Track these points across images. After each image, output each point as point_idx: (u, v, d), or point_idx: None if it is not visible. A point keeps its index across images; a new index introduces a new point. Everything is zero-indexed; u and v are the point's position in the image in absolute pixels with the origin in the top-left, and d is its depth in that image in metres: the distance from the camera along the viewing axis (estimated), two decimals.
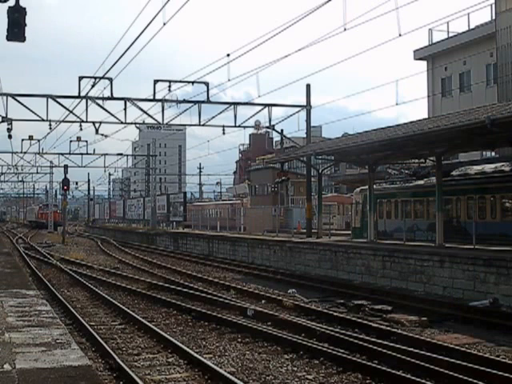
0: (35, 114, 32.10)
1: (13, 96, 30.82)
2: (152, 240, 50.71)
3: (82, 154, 52.42)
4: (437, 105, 39.99)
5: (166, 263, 31.61)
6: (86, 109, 31.88)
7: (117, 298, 18.32)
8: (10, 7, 12.66)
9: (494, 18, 33.54)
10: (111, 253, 39.09)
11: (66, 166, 53.17)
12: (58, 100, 31.54)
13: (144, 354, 11.32)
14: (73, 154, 52.59)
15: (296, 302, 17.30)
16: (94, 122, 34.24)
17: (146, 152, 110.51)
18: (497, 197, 23.98)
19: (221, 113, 33.79)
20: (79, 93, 30.97)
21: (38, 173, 73.11)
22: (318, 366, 10.40)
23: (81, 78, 30.78)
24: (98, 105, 31.80)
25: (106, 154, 57.57)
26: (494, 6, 32.96)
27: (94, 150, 54.37)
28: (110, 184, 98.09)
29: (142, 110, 32.51)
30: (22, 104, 30.80)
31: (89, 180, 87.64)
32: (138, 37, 19.89)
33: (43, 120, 32.86)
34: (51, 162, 65.62)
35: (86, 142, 49.77)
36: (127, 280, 23.35)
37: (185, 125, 72.37)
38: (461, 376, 9.19)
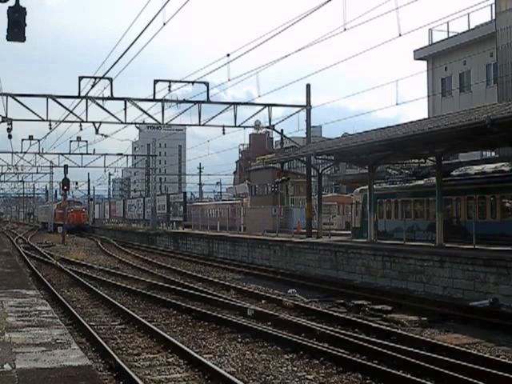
0: (35, 114, 32.13)
1: (13, 96, 30.81)
2: (152, 240, 50.70)
3: (82, 154, 52.52)
4: (437, 105, 39.99)
5: (166, 263, 31.61)
6: (86, 109, 31.91)
7: (117, 298, 18.32)
8: (9, 7, 12.65)
9: (493, 17, 33.55)
10: (111, 253, 39.08)
11: (66, 166, 53.18)
12: (58, 100, 31.54)
13: (144, 354, 11.32)
14: (73, 153, 52.67)
15: (296, 301, 17.30)
16: (94, 122, 34.26)
17: (146, 152, 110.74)
18: (497, 197, 23.98)
19: (221, 113, 33.83)
20: (79, 93, 30.97)
21: (38, 173, 73.06)
22: (317, 366, 10.40)
23: (81, 78, 30.78)
24: (98, 105, 31.81)
25: (106, 154, 57.59)
26: (493, 5, 32.98)
27: (94, 150, 54.51)
28: (110, 184, 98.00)
29: (142, 110, 32.52)
30: (22, 104, 30.81)
31: (89, 180, 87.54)
32: (138, 37, 19.91)
33: (43, 120, 32.85)
34: (51, 162, 65.61)
35: (86, 141, 49.90)
36: (127, 280, 23.34)
37: (185, 125, 72.47)
38: (461, 376, 9.19)
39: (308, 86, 33.20)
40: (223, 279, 24.02)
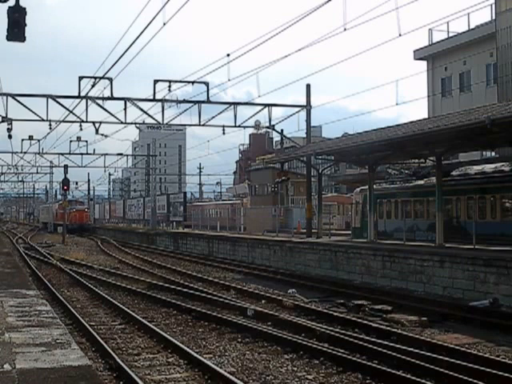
0: (35, 114, 32.13)
1: (13, 96, 30.81)
2: (152, 240, 50.71)
3: (82, 154, 52.54)
4: (437, 105, 40.00)
5: (166, 263, 31.61)
6: (86, 109, 31.92)
7: (117, 298, 18.32)
8: (9, 7, 12.65)
9: (493, 17, 33.56)
10: (111, 253, 39.08)
11: (66, 166, 53.19)
12: (58, 100, 31.54)
13: (144, 354, 11.32)
14: (73, 153, 52.68)
15: (296, 301, 17.30)
16: (94, 122, 34.27)
17: (146, 152, 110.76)
18: (497, 197, 23.98)
19: (221, 113, 33.83)
20: (79, 93, 30.97)
21: (38, 173, 73.06)
22: (317, 366, 10.40)
23: (81, 78, 30.77)
24: (98, 105, 31.81)
25: (106, 154, 57.59)
26: (493, 5, 32.98)
27: (94, 150, 54.52)
28: (110, 184, 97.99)
29: (142, 110, 32.52)
30: (22, 104, 30.81)
31: (89, 180, 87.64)
32: (138, 37, 19.91)
33: (43, 120, 32.86)
34: (51, 162, 65.62)
35: (86, 141, 49.92)
36: (127, 280, 23.34)
37: (185, 125, 72.51)
38: (461, 376, 9.19)
39: (308, 86, 33.21)
40: (223, 279, 24.02)
